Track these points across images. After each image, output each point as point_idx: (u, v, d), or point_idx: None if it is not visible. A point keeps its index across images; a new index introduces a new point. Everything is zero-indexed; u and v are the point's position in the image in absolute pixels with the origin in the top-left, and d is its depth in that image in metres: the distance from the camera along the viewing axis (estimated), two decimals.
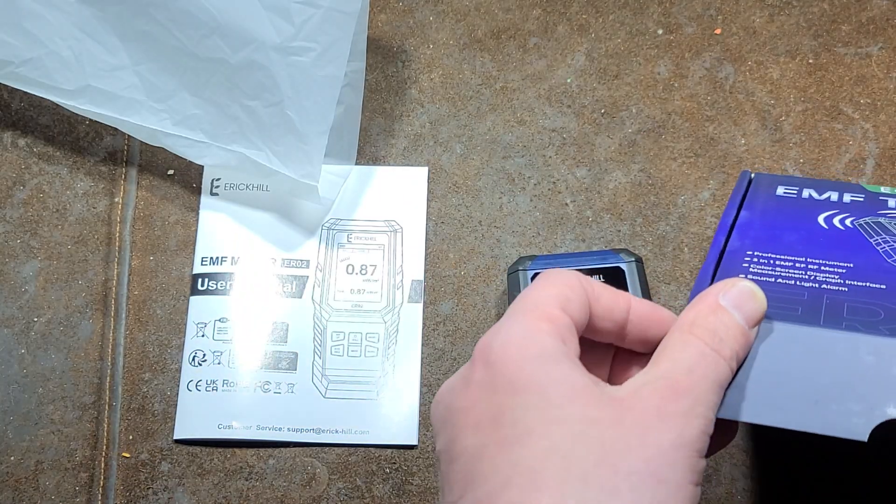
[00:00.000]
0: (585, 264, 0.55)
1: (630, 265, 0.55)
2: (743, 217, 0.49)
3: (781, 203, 0.51)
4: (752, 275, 0.42)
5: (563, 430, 0.30)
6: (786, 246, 0.46)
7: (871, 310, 0.41)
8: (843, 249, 0.45)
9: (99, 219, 0.61)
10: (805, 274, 0.43)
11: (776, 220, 0.49)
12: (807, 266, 0.44)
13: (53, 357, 0.58)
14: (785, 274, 0.43)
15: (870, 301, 0.41)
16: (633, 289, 0.54)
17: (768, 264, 0.44)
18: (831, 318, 0.39)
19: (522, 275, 0.54)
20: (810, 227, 0.48)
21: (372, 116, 0.62)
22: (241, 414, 0.57)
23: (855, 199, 0.51)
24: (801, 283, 0.42)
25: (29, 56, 0.57)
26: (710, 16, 0.64)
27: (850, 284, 0.42)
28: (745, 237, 0.47)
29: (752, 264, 0.44)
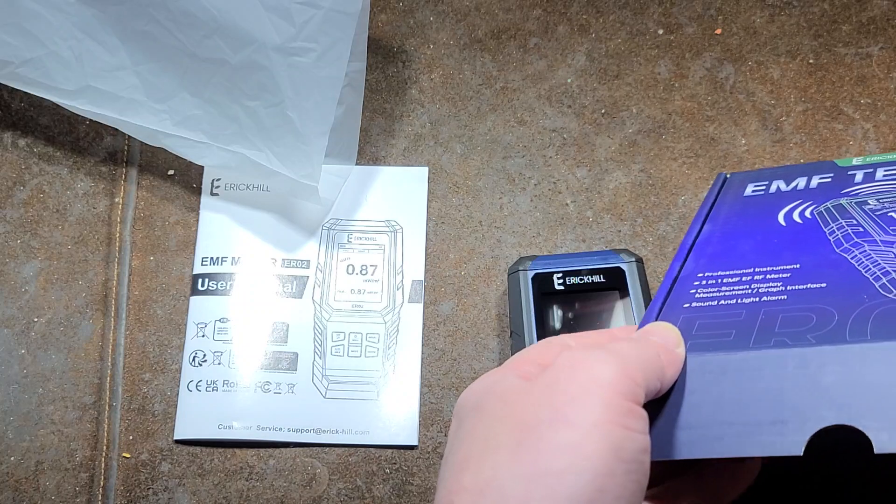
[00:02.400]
0: (585, 264, 0.55)
1: (630, 265, 0.55)
2: (704, 233, 0.49)
3: (747, 205, 0.51)
4: (696, 301, 0.43)
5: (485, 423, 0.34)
6: (738, 257, 0.46)
7: (804, 317, 0.41)
8: (794, 248, 0.46)
9: (99, 219, 0.61)
10: (749, 288, 0.44)
11: (736, 227, 0.49)
12: (752, 278, 0.44)
13: (54, 357, 0.58)
14: (728, 293, 0.44)
15: (805, 306, 0.41)
16: (634, 289, 0.54)
17: (715, 285, 0.45)
18: (762, 336, 0.40)
19: (523, 275, 0.54)
20: (768, 227, 0.48)
21: (372, 116, 0.62)
22: (241, 414, 0.57)
23: (823, 181, 0.51)
24: (742, 301, 0.43)
25: (29, 56, 0.57)
26: (710, 16, 0.64)
27: (791, 290, 0.43)
28: (700, 257, 0.47)
29: (699, 289, 0.45)
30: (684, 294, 0.44)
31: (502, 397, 0.35)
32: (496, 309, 0.59)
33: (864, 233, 0.45)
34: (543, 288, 0.54)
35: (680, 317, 0.42)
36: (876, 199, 0.48)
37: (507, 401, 0.35)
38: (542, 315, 0.54)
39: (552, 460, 0.32)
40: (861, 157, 0.53)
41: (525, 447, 0.32)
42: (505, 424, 0.34)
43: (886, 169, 0.51)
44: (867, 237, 0.45)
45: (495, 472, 0.32)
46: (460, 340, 0.58)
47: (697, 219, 0.51)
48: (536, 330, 0.53)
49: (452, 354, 0.58)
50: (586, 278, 0.54)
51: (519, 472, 0.32)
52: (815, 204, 0.49)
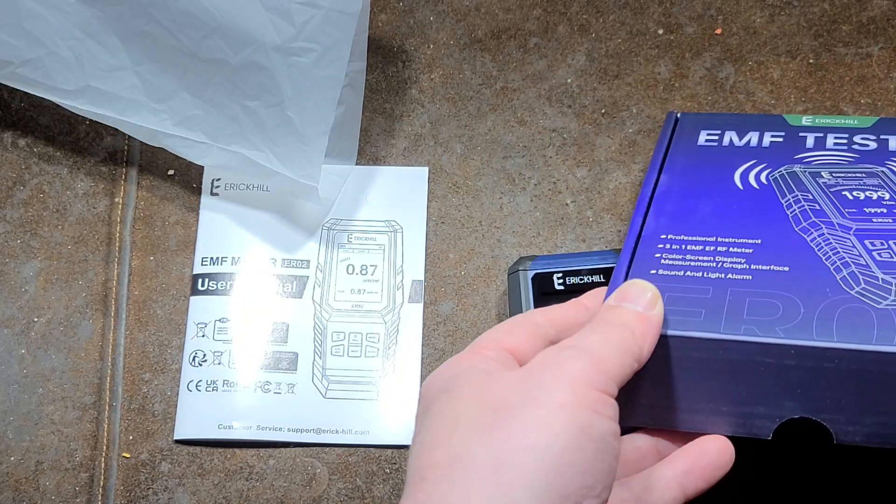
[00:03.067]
0: (585, 264, 0.55)
1: None
2: (662, 184, 0.50)
3: (701, 158, 0.52)
4: (662, 268, 0.44)
5: (457, 404, 0.36)
6: (699, 221, 0.47)
7: (770, 304, 0.42)
8: (754, 219, 0.47)
9: (99, 219, 0.61)
10: (713, 261, 0.45)
11: (693, 183, 0.50)
12: (716, 249, 0.45)
13: (53, 357, 0.58)
14: (694, 264, 0.45)
15: (770, 292, 0.43)
16: None
17: (679, 251, 0.46)
18: (732, 320, 0.41)
19: (523, 275, 0.54)
20: (726, 190, 0.49)
21: (372, 116, 0.62)
22: (241, 414, 0.57)
23: (775, 140, 0.52)
24: (708, 275, 0.44)
25: (29, 56, 0.57)
26: (710, 16, 0.64)
27: (755, 270, 0.44)
28: (660, 214, 0.48)
29: (664, 254, 0.46)
30: (649, 258, 0.45)
31: (472, 382, 0.36)
32: (496, 309, 0.59)
33: (821, 212, 0.47)
34: (543, 288, 0.54)
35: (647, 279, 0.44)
36: (829, 171, 0.49)
37: (478, 386, 0.36)
38: None
39: (523, 436, 0.33)
40: (810, 117, 0.54)
41: (497, 425, 0.34)
42: (477, 407, 0.35)
43: (836, 136, 0.52)
44: (824, 217, 0.46)
45: (467, 446, 0.34)
46: (460, 340, 0.58)
47: (653, 166, 0.52)
48: None
49: (452, 354, 0.57)
50: (586, 278, 0.54)
51: (490, 446, 0.33)
52: (769, 168, 0.50)
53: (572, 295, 0.53)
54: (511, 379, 0.36)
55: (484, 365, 0.38)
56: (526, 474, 0.32)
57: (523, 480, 0.32)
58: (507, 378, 0.36)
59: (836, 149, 0.51)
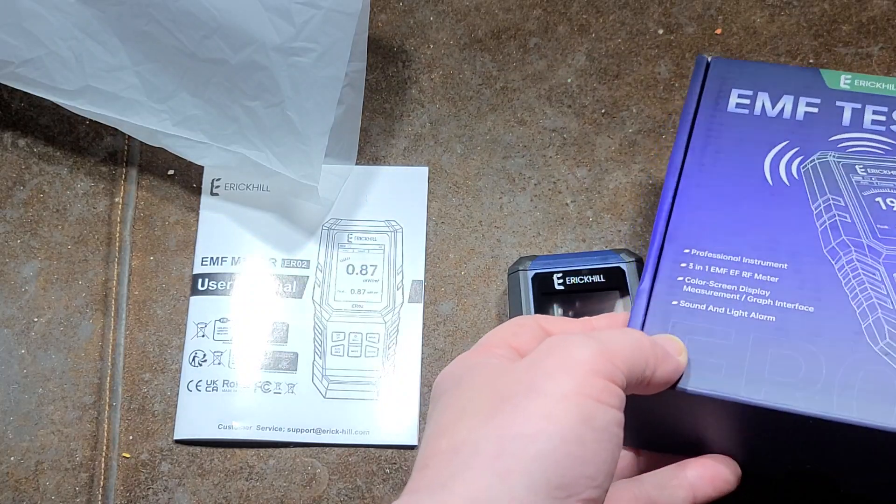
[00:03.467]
0: (585, 264, 0.55)
1: (630, 265, 0.55)
2: (689, 166, 0.48)
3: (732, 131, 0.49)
4: (685, 298, 0.44)
5: (466, 394, 0.37)
6: (725, 230, 0.46)
7: (792, 361, 0.42)
8: (782, 230, 0.46)
9: (99, 219, 0.61)
10: (737, 291, 0.44)
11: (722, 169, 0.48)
12: (740, 275, 0.44)
13: (53, 357, 0.58)
14: (717, 295, 0.44)
15: (793, 343, 0.42)
16: (633, 289, 0.54)
17: (703, 275, 0.45)
18: (753, 378, 0.41)
19: (523, 275, 0.54)
20: (755, 184, 0.48)
21: (372, 116, 0.62)
22: (241, 414, 0.57)
23: (809, 112, 0.50)
24: (730, 312, 0.43)
25: (29, 56, 0.57)
26: (710, 16, 0.64)
27: (779, 309, 0.43)
28: (686, 209, 0.47)
29: (686, 277, 0.45)
30: (672, 281, 0.44)
31: (481, 374, 0.37)
32: (496, 309, 0.59)
33: (852, 226, 0.46)
34: (543, 288, 0.54)
35: (670, 321, 0.43)
36: (863, 166, 0.48)
37: (486, 377, 0.37)
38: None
39: (525, 425, 0.34)
40: (849, 77, 0.51)
41: (500, 414, 0.34)
42: (482, 395, 0.36)
43: (875, 111, 0.50)
44: (854, 236, 0.45)
45: (469, 433, 0.34)
46: (460, 340, 0.58)
47: (681, 135, 0.49)
48: None
49: (452, 354, 0.58)
50: (586, 278, 0.54)
51: (492, 434, 0.34)
52: (802, 155, 0.48)
53: (572, 295, 0.53)
54: (517, 369, 0.36)
55: (494, 360, 0.38)
56: (525, 464, 0.33)
57: (522, 469, 0.33)
58: (513, 368, 0.37)
59: (874, 130, 0.49)
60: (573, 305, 0.54)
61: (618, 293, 0.54)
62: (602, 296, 0.54)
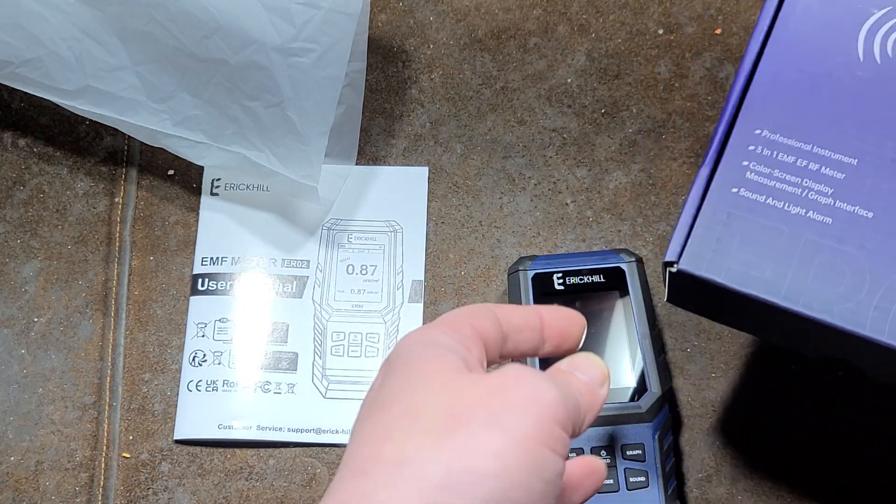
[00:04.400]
0: (585, 264, 0.55)
1: (630, 265, 0.55)
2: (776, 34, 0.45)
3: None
4: (745, 187, 0.42)
5: (420, 395, 0.34)
6: (801, 110, 0.43)
7: (837, 270, 0.41)
8: (862, 117, 0.42)
9: (99, 219, 0.61)
10: (800, 185, 0.42)
11: (809, 44, 0.44)
12: (807, 166, 0.42)
13: (53, 357, 0.58)
14: (779, 186, 0.42)
15: (843, 249, 0.41)
16: (634, 289, 0.54)
17: (769, 162, 0.43)
18: (795, 284, 0.41)
19: (523, 275, 0.55)
20: (843, 57, 0.43)
21: (372, 116, 0.62)
22: (241, 414, 0.57)
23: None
24: (788, 208, 0.42)
25: (29, 56, 0.57)
26: (710, 16, 0.64)
27: (838, 209, 0.42)
28: (763, 83, 0.44)
29: (752, 162, 0.43)
30: (737, 166, 0.43)
31: (440, 371, 0.35)
32: None
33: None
34: (543, 288, 0.54)
35: (727, 212, 0.42)
36: None
37: (444, 380, 0.35)
38: None
39: (477, 460, 0.32)
40: None
41: (454, 439, 0.33)
42: (438, 407, 0.34)
43: None
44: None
45: (419, 452, 0.33)
46: None
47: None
48: None
49: None
50: (586, 278, 0.55)
51: (443, 461, 0.32)
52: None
53: (573, 295, 0.53)
54: (480, 386, 0.35)
55: (459, 349, 0.37)
56: (470, 498, 0.32)
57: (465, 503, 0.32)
58: (476, 383, 0.35)
59: None
60: (573, 305, 0.54)
61: (618, 293, 0.54)
62: (602, 296, 0.54)
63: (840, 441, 0.55)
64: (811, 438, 0.56)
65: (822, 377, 0.56)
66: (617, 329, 0.53)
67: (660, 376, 0.52)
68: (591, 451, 0.51)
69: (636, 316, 0.53)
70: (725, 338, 0.57)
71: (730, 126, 0.43)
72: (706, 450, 0.55)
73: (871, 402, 0.56)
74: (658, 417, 0.51)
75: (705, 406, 0.56)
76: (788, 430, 0.56)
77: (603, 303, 0.54)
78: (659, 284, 0.58)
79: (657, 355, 0.53)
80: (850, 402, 0.56)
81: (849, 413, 0.56)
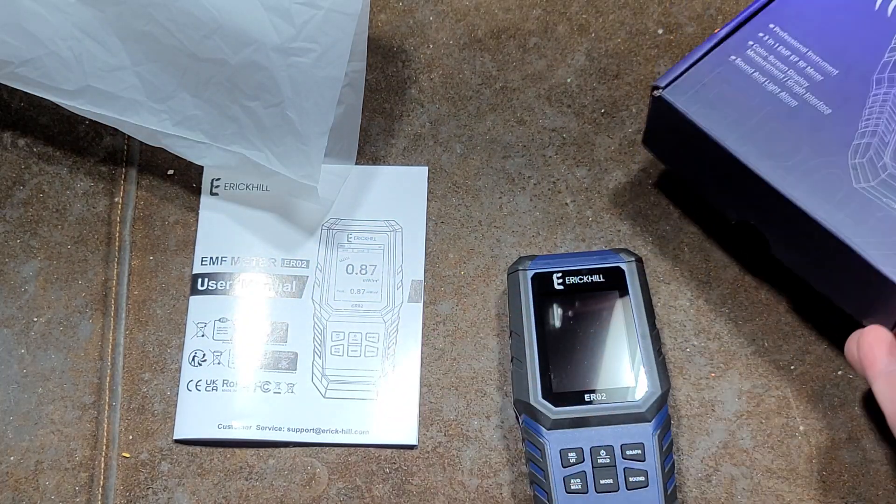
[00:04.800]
0: (585, 264, 0.55)
1: (630, 265, 0.55)
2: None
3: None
4: (742, 59, 0.53)
5: None
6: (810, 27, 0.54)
7: (781, 139, 0.51)
8: (858, 43, 0.53)
9: (99, 219, 0.61)
10: (785, 72, 0.53)
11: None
12: (797, 62, 0.53)
13: (53, 357, 0.58)
14: (767, 68, 0.53)
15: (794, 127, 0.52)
16: (633, 289, 0.54)
17: (769, 49, 0.53)
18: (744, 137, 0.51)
19: (522, 275, 0.55)
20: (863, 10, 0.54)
21: (372, 116, 0.62)
22: (240, 414, 0.57)
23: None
24: (767, 85, 0.53)
25: (29, 56, 0.56)
26: (710, 15, 0.64)
27: (805, 100, 0.52)
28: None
29: (756, 44, 0.54)
30: (742, 43, 0.54)
31: None
32: (496, 308, 0.59)
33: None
34: (543, 288, 0.54)
35: (716, 70, 0.53)
36: None
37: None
38: (542, 315, 0.54)
39: None
40: None
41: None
42: None
43: None
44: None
45: None
46: (460, 340, 0.58)
47: None
48: (536, 330, 0.53)
49: (452, 354, 0.58)
50: (586, 278, 0.55)
51: None
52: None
53: (572, 295, 0.53)
54: None
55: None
56: None
57: None
58: None
59: None
60: (573, 305, 0.54)
61: (617, 293, 0.54)
62: (602, 295, 0.54)
63: (840, 440, 0.55)
64: (809, 437, 0.56)
65: (821, 377, 0.57)
66: (616, 329, 0.54)
67: (659, 376, 0.52)
68: (591, 451, 0.51)
69: (636, 315, 0.54)
70: (725, 338, 0.57)
71: (754, 14, 0.54)
72: (706, 450, 0.55)
73: (871, 403, 0.56)
74: (658, 417, 0.51)
75: (705, 406, 0.56)
76: (788, 429, 0.56)
77: (602, 302, 0.54)
78: (659, 284, 0.58)
79: (657, 355, 0.53)
80: (850, 402, 0.56)
81: (849, 413, 0.56)
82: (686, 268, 0.59)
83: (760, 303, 0.58)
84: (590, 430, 0.51)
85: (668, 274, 0.59)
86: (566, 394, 0.52)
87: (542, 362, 0.53)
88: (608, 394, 0.52)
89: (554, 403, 0.51)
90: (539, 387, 0.52)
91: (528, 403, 0.52)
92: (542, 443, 0.51)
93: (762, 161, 0.51)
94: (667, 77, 0.54)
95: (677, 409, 0.56)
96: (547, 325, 0.54)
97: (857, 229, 0.49)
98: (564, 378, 0.52)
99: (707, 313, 0.58)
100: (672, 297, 0.58)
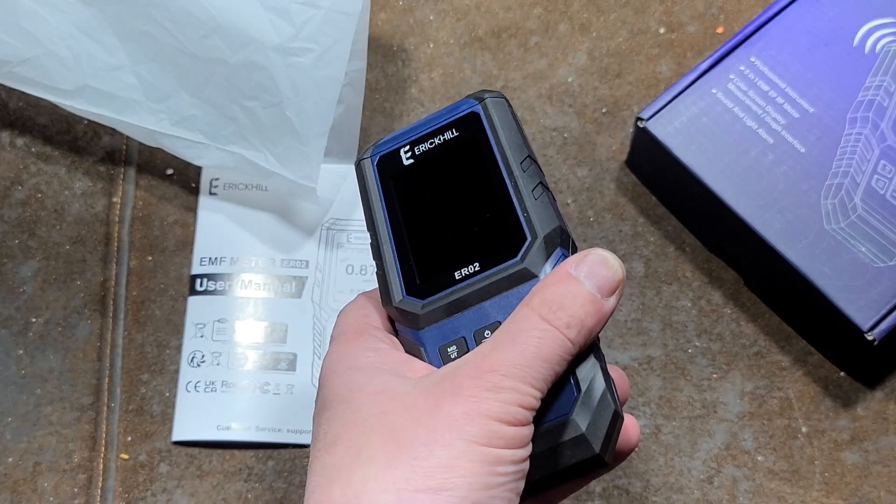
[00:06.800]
0: (433, 125, 0.42)
1: (484, 104, 0.41)
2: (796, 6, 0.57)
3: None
4: (722, 93, 0.55)
5: (359, 429, 0.34)
6: (790, 63, 0.56)
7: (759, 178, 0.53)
8: (833, 79, 0.55)
9: (97, 219, 0.61)
10: (763, 108, 0.55)
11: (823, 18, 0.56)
12: (775, 99, 0.55)
13: (51, 358, 0.58)
14: (747, 102, 0.55)
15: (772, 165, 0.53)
16: (493, 130, 0.41)
17: (749, 84, 0.55)
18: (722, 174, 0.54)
19: (366, 163, 0.43)
20: (841, 45, 0.56)
21: (372, 116, 0.62)
22: (239, 415, 0.57)
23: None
24: (746, 121, 0.55)
25: (27, 56, 0.56)
26: (711, 14, 0.63)
27: (781, 138, 0.54)
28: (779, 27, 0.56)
29: (737, 78, 0.55)
30: (724, 76, 0.56)
31: (371, 399, 0.34)
32: None
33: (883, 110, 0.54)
34: (391, 170, 0.42)
35: (699, 103, 0.55)
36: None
37: (383, 409, 0.34)
38: (394, 201, 0.41)
39: (426, 479, 0.32)
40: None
41: (398, 464, 0.32)
42: (379, 436, 0.33)
43: None
44: (879, 118, 0.54)
45: (365, 485, 0.32)
46: None
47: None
48: (389, 220, 0.41)
49: None
50: (437, 139, 0.42)
51: (390, 487, 0.32)
52: (893, 38, 0.56)
53: (427, 167, 0.42)
54: (415, 400, 0.33)
55: (381, 360, 0.36)
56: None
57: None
58: (409, 397, 0.33)
59: None
60: (428, 178, 0.41)
61: (479, 143, 0.41)
62: (460, 154, 0.41)
63: (842, 441, 0.55)
64: (811, 439, 0.55)
65: (824, 379, 0.56)
66: (480, 184, 0.40)
67: (538, 218, 0.39)
68: (475, 335, 0.38)
69: (499, 157, 0.40)
70: (726, 338, 0.57)
71: (736, 46, 0.56)
72: (708, 451, 0.55)
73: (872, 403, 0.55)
74: (548, 267, 0.38)
75: (707, 407, 0.56)
76: (791, 430, 0.56)
77: (461, 162, 0.41)
78: (660, 284, 0.58)
79: (532, 196, 0.39)
80: (853, 404, 0.56)
81: (851, 414, 0.56)
82: (688, 268, 0.59)
83: (762, 304, 0.58)
84: (470, 312, 0.39)
85: (671, 274, 0.58)
86: (433, 281, 0.39)
87: (402, 254, 0.40)
88: (482, 261, 0.39)
89: (421, 296, 0.39)
90: (401, 283, 0.40)
91: (394, 307, 0.39)
92: (418, 349, 0.38)
93: (738, 198, 0.53)
94: (651, 108, 0.55)
95: (679, 410, 0.56)
96: (401, 210, 0.41)
97: (823, 270, 0.52)
98: (429, 264, 0.40)
99: (709, 314, 0.58)
100: (674, 298, 0.58)
